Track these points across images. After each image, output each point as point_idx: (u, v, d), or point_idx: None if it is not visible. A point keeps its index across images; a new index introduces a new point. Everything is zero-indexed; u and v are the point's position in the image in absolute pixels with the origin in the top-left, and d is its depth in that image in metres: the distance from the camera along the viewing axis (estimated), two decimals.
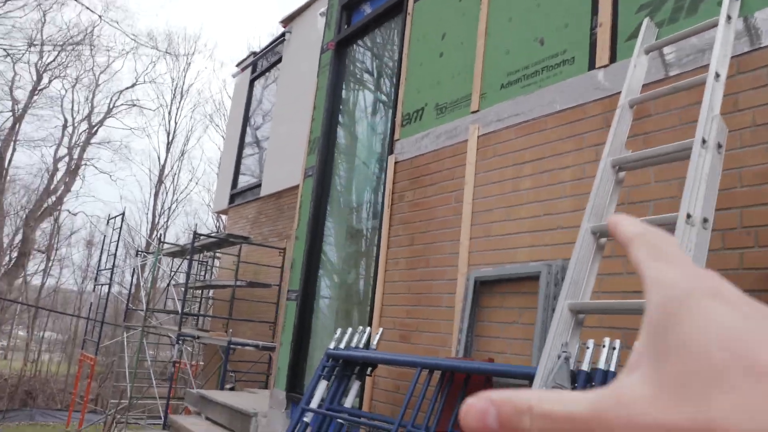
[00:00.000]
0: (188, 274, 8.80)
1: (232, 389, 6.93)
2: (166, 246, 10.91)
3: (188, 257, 9.44)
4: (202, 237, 9.40)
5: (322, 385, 3.20)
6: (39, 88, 28.58)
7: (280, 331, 4.85)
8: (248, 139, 13.08)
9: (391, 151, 4.08)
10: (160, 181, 27.61)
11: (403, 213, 3.83)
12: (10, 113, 27.86)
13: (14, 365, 28.96)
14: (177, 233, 29.70)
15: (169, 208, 29.11)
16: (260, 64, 13.30)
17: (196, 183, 34.39)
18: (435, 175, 3.64)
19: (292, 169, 10.37)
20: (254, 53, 13.64)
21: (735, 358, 0.20)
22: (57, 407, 25.43)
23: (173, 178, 29.29)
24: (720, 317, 0.22)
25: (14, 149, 27.83)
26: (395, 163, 4.00)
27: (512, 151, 3.14)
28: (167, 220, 28.06)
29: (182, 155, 29.05)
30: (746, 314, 0.22)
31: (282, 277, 9.66)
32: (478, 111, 3.43)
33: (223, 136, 30.09)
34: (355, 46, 5.12)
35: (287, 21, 11.89)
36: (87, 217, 33.02)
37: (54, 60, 28.82)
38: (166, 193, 28.25)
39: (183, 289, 10.98)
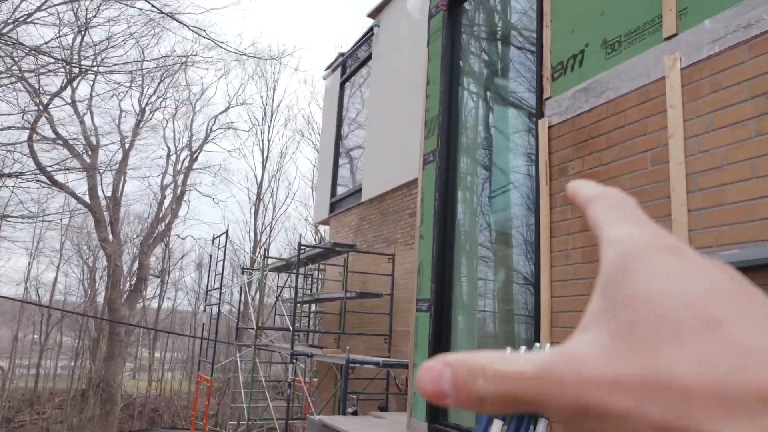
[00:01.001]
0: (296, 288, 8.29)
1: (354, 413, 6.25)
2: (270, 261, 10.55)
3: (294, 271, 8.96)
4: (307, 248, 8.88)
5: (496, 426, 2.35)
6: (142, 120, 30.11)
7: (412, 349, 4.06)
8: (345, 144, 12.58)
9: (540, 114, 3.18)
10: (258, 199, 28.09)
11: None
12: (120, 148, 29.51)
13: (141, 385, 30.56)
14: (279, 249, 30.13)
15: (269, 225, 29.60)
16: (349, 65, 12.79)
17: (293, 198, 34.85)
18: (613, 133, 2.71)
19: (394, 170, 9.68)
20: (342, 54, 13.15)
21: (687, 311, 0.20)
22: (182, 425, 26.39)
23: (271, 195, 29.74)
24: (674, 271, 0.21)
25: (125, 181, 29.42)
26: (549, 127, 3.10)
27: (747, 78, 2.15)
28: (269, 237, 28.48)
29: (277, 172, 29.42)
30: (702, 270, 0.21)
31: (393, 285, 8.95)
32: (675, 35, 2.47)
33: (316, 149, 30.32)
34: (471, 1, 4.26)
35: (375, 13, 11.27)
36: (195, 240, 34.34)
37: (154, 93, 30.26)
38: (266, 211, 28.70)
39: (291, 304, 10.57)
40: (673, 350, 0.19)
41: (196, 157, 32.09)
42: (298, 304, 10.94)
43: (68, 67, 19.35)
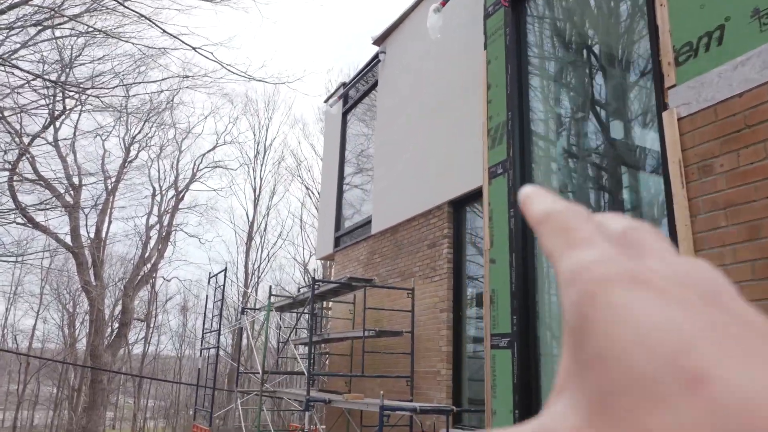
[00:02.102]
0: (311, 327, 7.59)
1: None
2: (276, 299, 9.84)
3: (305, 309, 8.27)
4: (321, 284, 8.22)
5: None
6: (128, 161, 29.39)
7: (489, 394, 3.42)
8: (349, 176, 12.05)
9: (662, 106, 2.66)
10: (250, 238, 27.31)
11: (716, 192, 2.38)
12: (104, 189, 28.67)
13: None
14: (265, 291, 29.19)
15: (265, 262, 28.72)
16: (351, 95, 12.38)
17: (285, 237, 34.08)
18: None
19: (408, 199, 9.14)
20: (344, 84, 12.76)
21: (666, 367, 0.17)
22: None
23: (261, 235, 29.00)
24: (640, 312, 0.18)
25: (110, 222, 28.50)
26: (678, 119, 2.58)
27: None
28: (259, 277, 27.60)
29: (268, 211, 28.76)
30: (676, 302, 0.18)
31: (413, 322, 8.30)
32: None
33: (305, 186, 29.72)
34: None
35: (380, 40, 10.92)
36: (180, 282, 33.22)
37: (139, 132, 29.66)
38: (258, 250, 27.90)
39: (301, 345, 9.82)
40: (656, 423, 0.16)
41: (182, 196, 31.36)
42: (306, 346, 10.19)
43: (51, 105, 18.75)
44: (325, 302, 11.30)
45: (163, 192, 31.11)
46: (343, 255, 11.25)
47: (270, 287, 9.03)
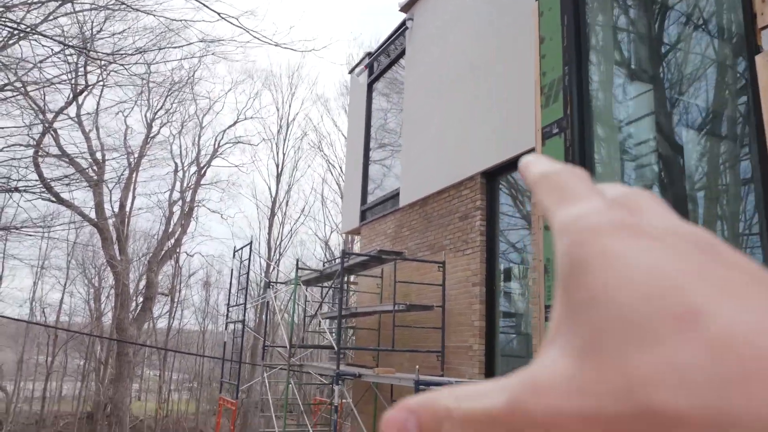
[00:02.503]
0: (340, 300, 7.44)
1: None
2: (303, 273, 9.71)
3: (333, 282, 8.12)
4: (351, 256, 8.05)
5: None
6: (150, 136, 29.44)
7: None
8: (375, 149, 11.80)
9: (755, 49, 2.38)
10: (272, 214, 27.29)
11: None
12: (127, 165, 28.80)
13: (148, 406, 29.58)
14: (287, 266, 29.32)
15: (281, 243, 28.76)
16: (377, 65, 12.06)
17: (308, 213, 34.03)
18: None
19: (438, 170, 8.88)
20: (369, 54, 12.43)
21: (657, 305, 0.17)
22: None
23: (283, 211, 28.96)
24: (634, 255, 0.18)
25: (133, 197, 28.67)
26: None
27: None
28: (281, 253, 27.65)
29: (290, 187, 28.67)
30: (667, 246, 0.18)
31: (444, 296, 8.11)
32: None
33: (328, 161, 29.52)
34: None
35: (407, 6, 10.56)
36: (203, 258, 33.48)
37: (161, 107, 29.62)
38: (280, 225, 27.89)
39: (328, 319, 9.72)
40: (647, 361, 0.16)
41: (204, 172, 31.40)
42: (334, 320, 10.09)
43: (74, 79, 18.67)
44: (351, 276, 11.18)
45: (185, 168, 31.20)
46: (370, 229, 11.07)
47: (297, 260, 8.89)
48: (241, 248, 11.85)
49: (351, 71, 13.35)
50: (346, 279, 11.29)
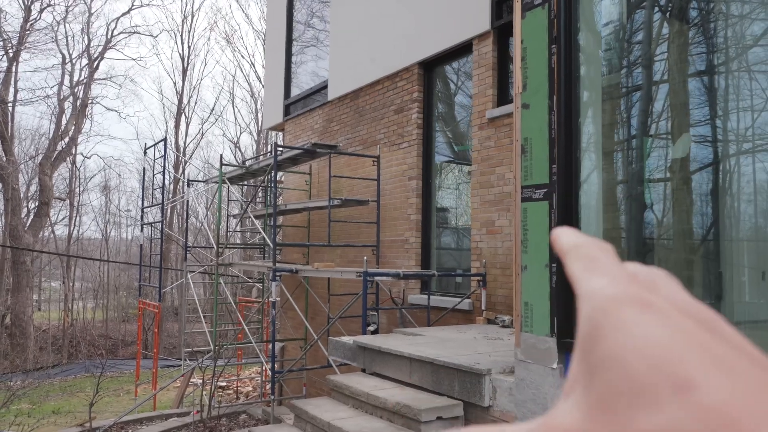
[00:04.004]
0: (274, 196, 7.13)
1: (375, 332, 5.42)
2: (229, 170, 9.20)
3: (264, 178, 7.76)
4: (284, 150, 7.66)
5: None
6: (29, 21, 26.03)
7: (519, 249, 3.19)
8: (300, 39, 11.02)
9: None
10: (179, 112, 25.56)
11: None
12: (3, 53, 25.52)
13: (52, 316, 28.39)
14: (197, 168, 28.03)
15: (190, 141, 27.22)
16: None
17: (217, 117, 32.10)
18: None
19: (371, 61, 8.46)
20: None
21: (660, 374, 0.19)
22: (101, 354, 24.87)
23: (191, 108, 27.20)
24: (644, 328, 0.20)
25: (15, 91, 25.72)
26: None
27: None
28: (191, 152, 26.28)
29: (198, 83, 26.78)
30: (675, 324, 0.21)
31: (379, 191, 8.00)
32: None
33: (241, 55, 27.62)
34: None
35: None
36: (102, 160, 31.22)
37: None
38: (187, 124, 26.28)
39: (256, 217, 9.40)
40: (648, 421, 0.18)
41: (97, 65, 28.56)
42: (259, 218, 9.77)
43: None
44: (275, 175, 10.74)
45: (74, 60, 28.17)
46: (295, 124, 10.57)
47: (221, 156, 8.37)
48: (154, 145, 11.02)
49: None
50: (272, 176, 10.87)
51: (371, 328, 5.26)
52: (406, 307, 6.96)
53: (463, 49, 7.07)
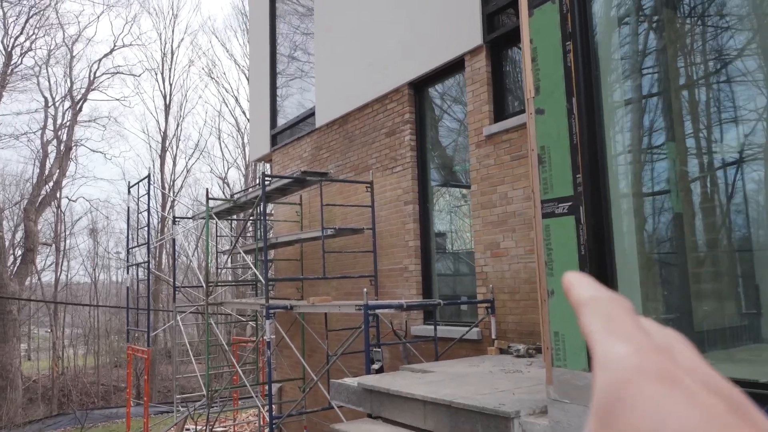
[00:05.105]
0: (264, 229, 6.72)
1: (380, 370, 4.99)
2: (216, 203, 8.81)
3: (252, 211, 7.37)
4: (273, 179, 7.29)
5: None
6: (10, 66, 25.78)
7: (543, 272, 2.82)
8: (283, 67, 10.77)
9: None
10: (163, 149, 25.23)
11: None
12: None
13: (41, 365, 27.49)
14: (186, 206, 27.60)
15: (176, 179, 26.82)
16: None
17: (201, 152, 31.80)
18: None
19: (359, 85, 8.17)
20: None
21: None
22: (93, 403, 24.00)
23: (176, 145, 26.88)
24: (666, 403, 0.20)
25: None
26: None
27: None
28: (176, 193, 25.86)
29: (181, 120, 26.54)
30: (703, 404, 0.20)
31: (374, 217, 7.62)
32: None
33: (225, 90, 27.49)
34: None
35: None
36: (87, 202, 30.71)
37: (21, 32, 25.89)
38: (173, 162, 25.92)
39: (245, 253, 8.99)
40: None
41: (80, 107, 28.29)
42: (249, 252, 9.35)
43: None
44: (265, 207, 10.35)
45: (57, 103, 27.90)
46: (283, 154, 10.23)
47: (207, 190, 7.99)
48: (137, 182, 10.63)
49: None
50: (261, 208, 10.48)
51: (375, 366, 4.82)
52: (411, 341, 6.52)
53: (455, 66, 6.80)
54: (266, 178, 6.83)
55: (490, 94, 6.23)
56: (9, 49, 25.78)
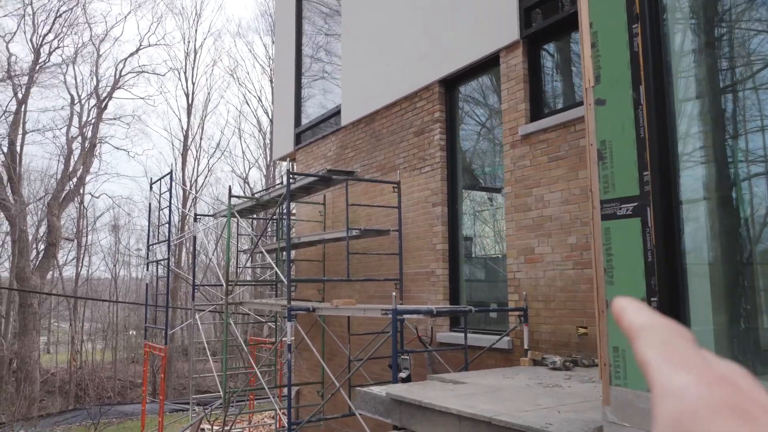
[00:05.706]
0: (288, 229, 6.52)
1: (407, 379, 4.72)
2: (238, 201, 8.63)
3: (276, 210, 7.17)
4: (298, 177, 7.08)
5: None
6: (38, 63, 26.06)
7: (602, 280, 2.54)
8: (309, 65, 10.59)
9: None
10: (185, 148, 25.27)
11: None
12: (13, 97, 25.46)
13: (59, 359, 27.69)
14: (207, 205, 27.62)
15: (197, 177, 26.86)
16: None
17: (222, 152, 31.86)
18: None
19: (387, 82, 7.94)
20: None
21: None
22: (109, 397, 24.05)
23: (197, 146, 26.91)
24: None
25: (24, 133, 25.58)
26: None
27: None
28: (197, 191, 25.88)
29: (203, 120, 26.59)
30: None
31: (401, 219, 7.37)
32: None
33: (247, 90, 27.54)
34: None
35: None
36: (110, 199, 30.94)
37: (50, 31, 26.17)
38: (194, 161, 25.95)
39: (268, 252, 8.78)
40: None
41: (105, 105, 28.50)
42: (270, 252, 9.15)
43: None
44: (289, 205, 10.15)
45: (83, 101, 28.13)
46: (307, 153, 10.04)
47: (230, 187, 7.81)
48: (159, 179, 10.52)
49: None
50: (288, 208, 10.30)
51: (403, 374, 4.56)
52: (437, 348, 6.24)
53: (488, 62, 6.52)
54: (291, 176, 6.60)
55: (526, 91, 5.94)
56: (37, 47, 26.11)
